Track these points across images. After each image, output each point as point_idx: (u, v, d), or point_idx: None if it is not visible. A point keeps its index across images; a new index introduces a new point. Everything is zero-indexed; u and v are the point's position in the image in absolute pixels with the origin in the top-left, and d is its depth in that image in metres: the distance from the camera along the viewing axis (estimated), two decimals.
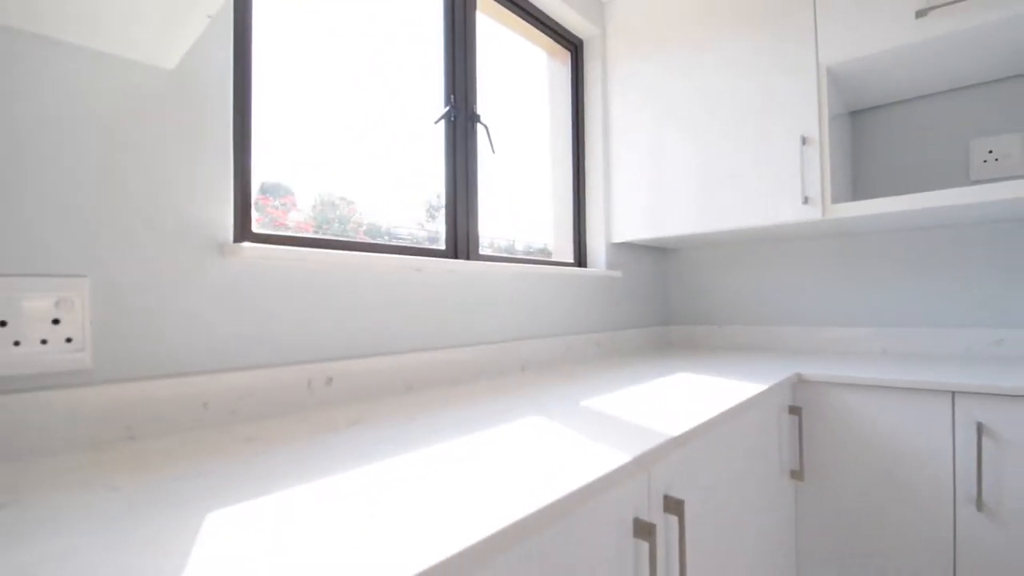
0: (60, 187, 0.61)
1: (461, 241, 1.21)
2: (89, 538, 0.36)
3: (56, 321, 0.59)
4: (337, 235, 1.05)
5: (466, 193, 1.23)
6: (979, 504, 0.96)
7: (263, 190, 0.92)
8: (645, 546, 0.57)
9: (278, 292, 0.81)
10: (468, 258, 1.22)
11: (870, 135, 1.52)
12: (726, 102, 1.40)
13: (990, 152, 1.34)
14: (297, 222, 0.99)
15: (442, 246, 1.19)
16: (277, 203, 0.96)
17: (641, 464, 0.54)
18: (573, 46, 1.68)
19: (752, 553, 0.91)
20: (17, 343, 0.57)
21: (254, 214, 0.83)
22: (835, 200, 1.27)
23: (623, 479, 0.51)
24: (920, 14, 1.10)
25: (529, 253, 1.56)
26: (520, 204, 1.52)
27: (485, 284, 1.20)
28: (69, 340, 0.60)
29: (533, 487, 0.45)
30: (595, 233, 1.67)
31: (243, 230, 0.80)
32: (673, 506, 0.60)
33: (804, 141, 1.26)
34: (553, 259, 1.63)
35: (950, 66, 1.25)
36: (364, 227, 1.11)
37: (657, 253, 1.91)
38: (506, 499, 0.42)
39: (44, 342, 0.58)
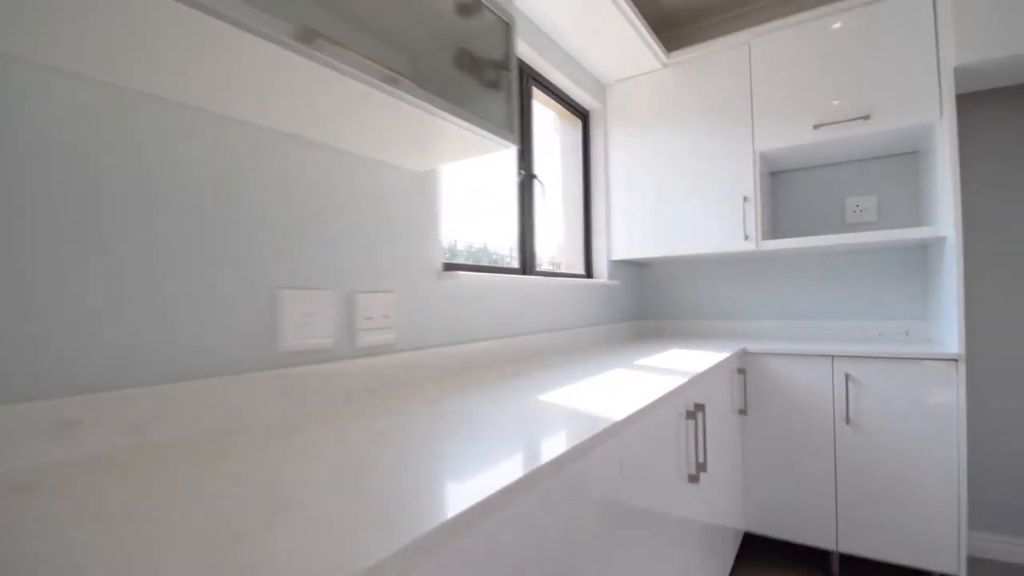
0: (371, 241, 1.10)
1: (529, 261, 1.77)
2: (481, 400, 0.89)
3: (385, 316, 1.09)
4: (478, 261, 1.59)
5: (530, 229, 1.79)
6: (847, 420, 1.64)
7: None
8: (692, 423, 1.15)
9: (465, 296, 1.34)
10: (530, 273, 1.77)
11: (784, 190, 2.24)
12: (690, 172, 2.05)
13: (857, 206, 2.08)
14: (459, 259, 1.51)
15: (517, 265, 1.74)
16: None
17: (687, 385, 1.13)
18: (582, 115, 2.27)
19: (719, 445, 1.54)
20: (363, 329, 1.06)
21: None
22: (764, 238, 1.95)
23: (678, 394, 1.09)
24: (816, 127, 1.79)
25: (552, 265, 2.14)
26: (549, 231, 2.10)
27: (538, 290, 1.76)
28: (386, 328, 1.10)
29: (639, 395, 1.02)
30: (599, 252, 2.28)
31: (444, 265, 1.32)
32: (698, 408, 1.20)
33: (745, 199, 1.93)
34: (571, 272, 2.22)
35: (834, 151, 1.97)
36: (488, 258, 1.65)
37: (641, 267, 2.55)
38: (621, 401, 0.99)
39: (375, 329, 1.08)
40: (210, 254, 0.79)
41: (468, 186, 1.59)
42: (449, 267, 1.36)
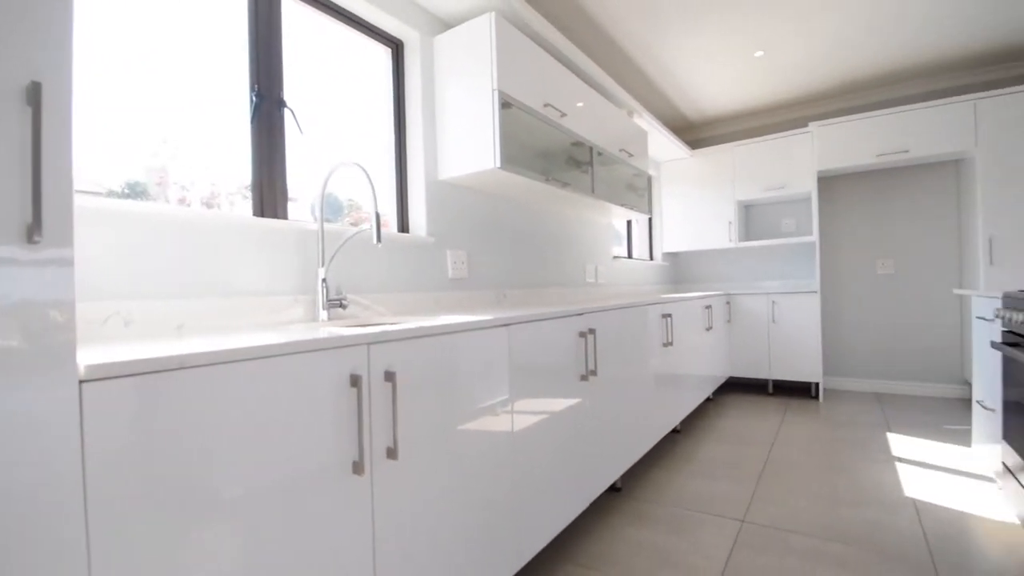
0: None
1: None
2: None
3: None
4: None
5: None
6: (773, 320, 3.79)
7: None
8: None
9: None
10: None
11: (751, 215, 4.36)
12: (705, 210, 4.18)
13: (785, 223, 4.20)
14: None
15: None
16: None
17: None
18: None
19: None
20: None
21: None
22: (740, 240, 4.09)
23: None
24: (764, 190, 3.92)
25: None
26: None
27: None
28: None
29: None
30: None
31: None
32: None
33: (729, 223, 4.06)
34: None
35: (772, 197, 4.08)
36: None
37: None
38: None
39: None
40: None
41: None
42: None
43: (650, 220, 4.42)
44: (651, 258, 4.41)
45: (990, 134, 3.10)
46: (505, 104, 1.83)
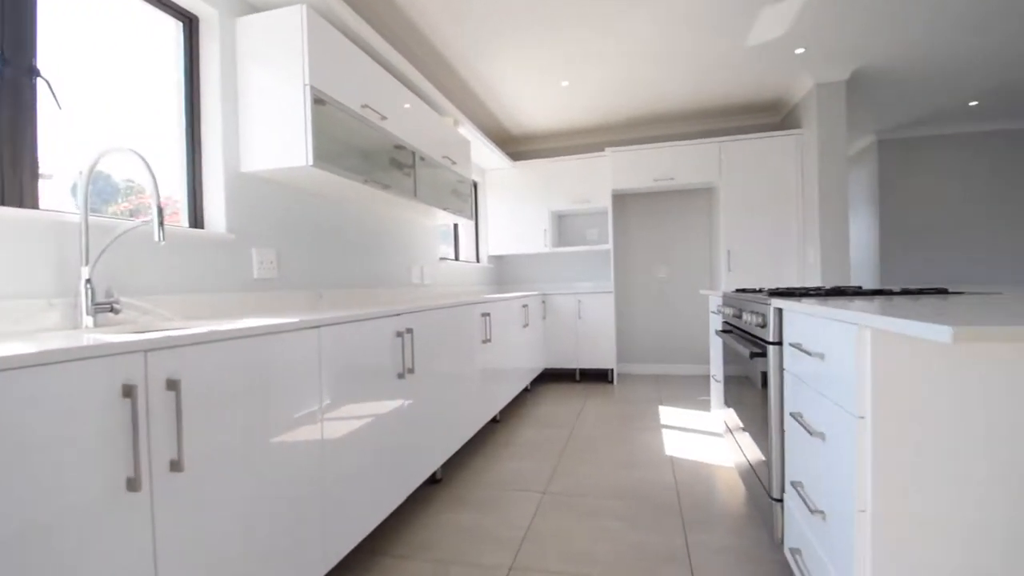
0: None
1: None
2: None
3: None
4: None
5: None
6: (579, 317, 4.33)
7: None
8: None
9: None
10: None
11: (563, 224, 4.90)
12: (527, 215, 4.58)
13: (588, 233, 4.83)
14: None
15: None
16: None
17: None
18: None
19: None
20: None
21: None
22: (553, 245, 4.57)
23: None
24: (572, 202, 4.45)
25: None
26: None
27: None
28: None
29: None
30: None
31: None
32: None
33: (544, 231, 4.52)
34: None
35: (578, 209, 4.66)
36: None
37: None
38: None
39: None
40: None
41: None
42: None
43: (476, 224, 4.67)
44: (477, 260, 4.67)
45: (729, 169, 4.02)
46: (319, 100, 1.79)
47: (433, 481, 2.25)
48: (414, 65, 3.16)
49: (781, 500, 1.50)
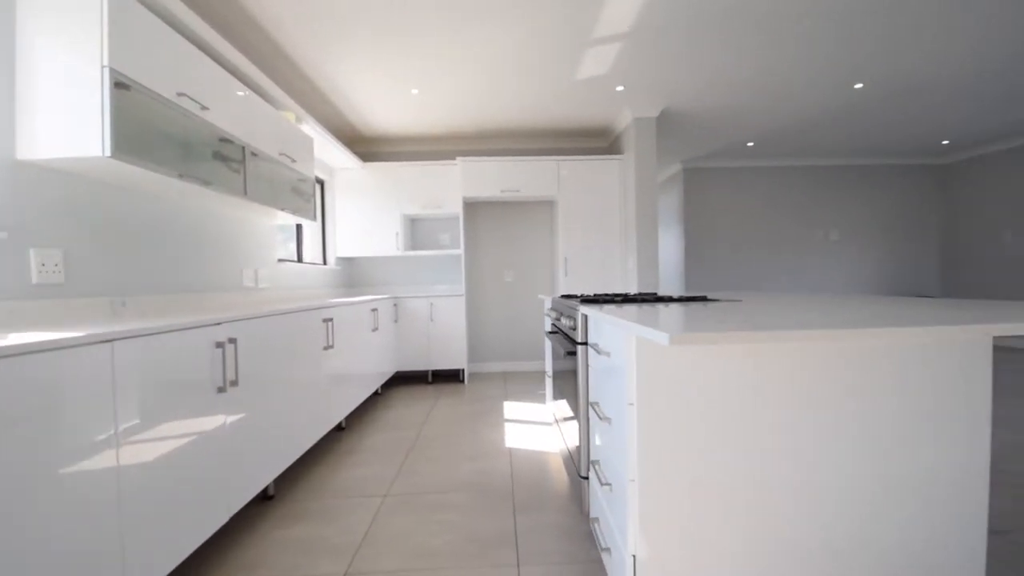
0: None
1: None
2: None
3: None
4: None
5: None
6: (431, 320, 4.40)
7: None
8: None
9: None
10: None
11: (416, 227, 4.93)
12: (382, 218, 4.52)
13: (441, 237, 4.94)
14: None
15: None
16: None
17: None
18: None
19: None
20: None
21: None
22: (405, 249, 4.58)
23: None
24: (422, 207, 4.50)
25: None
26: None
27: None
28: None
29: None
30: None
31: None
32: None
33: (397, 234, 4.51)
34: None
35: (428, 214, 4.74)
36: None
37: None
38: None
39: None
40: None
41: None
42: None
43: (324, 225, 4.46)
44: (324, 262, 4.46)
45: (567, 185, 4.45)
46: (121, 85, 1.59)
47: (266, 497, 2.13)
48: (250, 58, 2.94)
49: (587, 478, 1.75)
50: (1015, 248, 5.62)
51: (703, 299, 1.93)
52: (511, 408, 3.59)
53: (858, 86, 3.85)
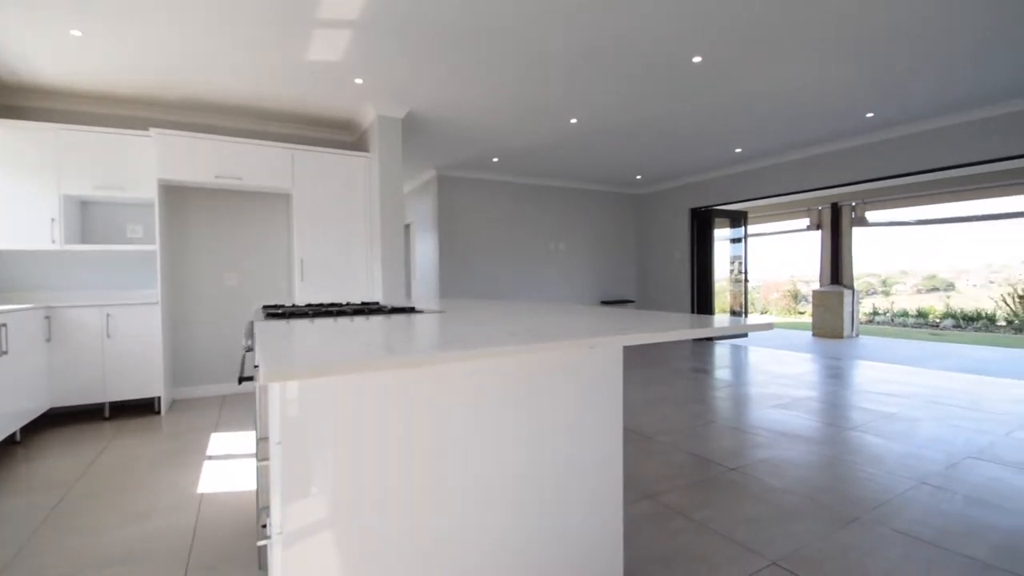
0: None
1: None
2: None
3: None
4: None
5: None
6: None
7: None
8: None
9: None
10: None
11: (86, 210, 3.75)
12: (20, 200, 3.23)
13: (138, 226, 3.87)
14: None
15: None
16: None
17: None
18: None
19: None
20: None
21: None
22: (66, 243, 3.41)
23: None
24: (103, 186, 3.42)
25: None
26: None
27: None
28: None
29: None
30: None
31: None
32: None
33: (53, 221, 3.32)
34: None
35: (115, 196, 3.66)
36: None
37: None
38: None
39: None
40: None
41: None
42: None
43: None
44: None
45: (302, 178, 3.98)
46: None
47: None
48: None
49: (265, 526, 1.47)
50: (680, 265, 7.43)
51: (411, 310, 1.85)
52: (219, 441, 2.97)
53: (573, 121, 4.48)
